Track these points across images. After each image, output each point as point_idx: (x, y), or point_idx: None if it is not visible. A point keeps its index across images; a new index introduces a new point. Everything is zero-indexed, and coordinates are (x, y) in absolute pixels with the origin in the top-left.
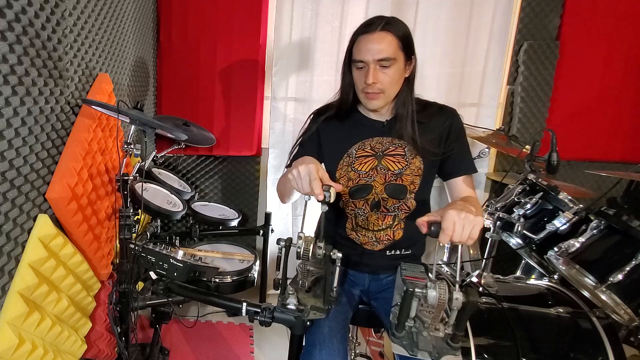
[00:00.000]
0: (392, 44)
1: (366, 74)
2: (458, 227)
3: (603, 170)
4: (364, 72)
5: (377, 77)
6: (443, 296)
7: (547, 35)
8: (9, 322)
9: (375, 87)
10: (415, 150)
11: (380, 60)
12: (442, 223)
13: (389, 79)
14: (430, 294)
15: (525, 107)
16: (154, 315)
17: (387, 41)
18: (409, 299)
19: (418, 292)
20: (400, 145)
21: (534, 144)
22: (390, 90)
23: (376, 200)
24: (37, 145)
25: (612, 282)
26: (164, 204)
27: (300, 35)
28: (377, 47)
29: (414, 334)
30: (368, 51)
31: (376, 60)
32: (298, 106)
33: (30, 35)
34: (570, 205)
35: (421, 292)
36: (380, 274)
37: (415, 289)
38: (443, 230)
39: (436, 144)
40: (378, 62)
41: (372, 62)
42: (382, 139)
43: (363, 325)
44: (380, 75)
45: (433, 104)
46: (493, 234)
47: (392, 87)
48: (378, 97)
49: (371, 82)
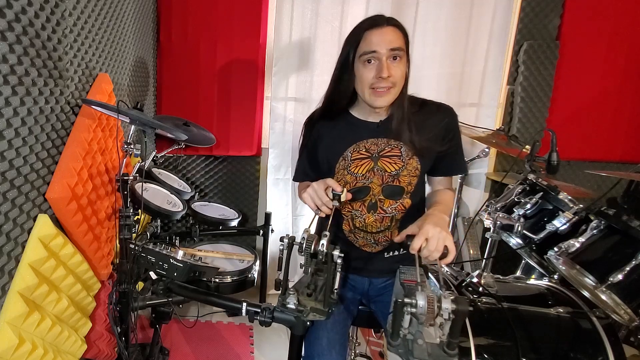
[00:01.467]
0: (399, 37)
1: (379, 67)
2: (431, 241)
3: (603, 170)
4: (374, 66)
5: (391, 70)
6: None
7: (547, 35)
8: (9, 322)
9: (388, 81)
10: (413, 151)
11: (393, 50)
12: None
13: (400, 72)
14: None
15: (525, 107)
16: (154, 315)
17: (395, 34)
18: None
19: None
20: (397, 145)
21: (534, 144)
22: (399, 84)
23: (373, 202)
24: (37, 145)
25: (612, 282)
26: (164, 204)
27: (300, 35)
28: (389, 38)
29: (410, 342)
30: (381, 42)
31: (389, 50)
32: (298, 106)
33: (30, 35)
34: (570, 205)
35: (410, 302)
36: (379, 278)
37: (405, 300)
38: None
39: (433, 142)
40: (391, 52)
41: (386, 52)
42: (377, 140)
43: (363, 326)
44: (393, 68)
45: (430, 103)
46: (493, 234)
47: (400, 82)
48: (389, 93)
49: (387, 76)
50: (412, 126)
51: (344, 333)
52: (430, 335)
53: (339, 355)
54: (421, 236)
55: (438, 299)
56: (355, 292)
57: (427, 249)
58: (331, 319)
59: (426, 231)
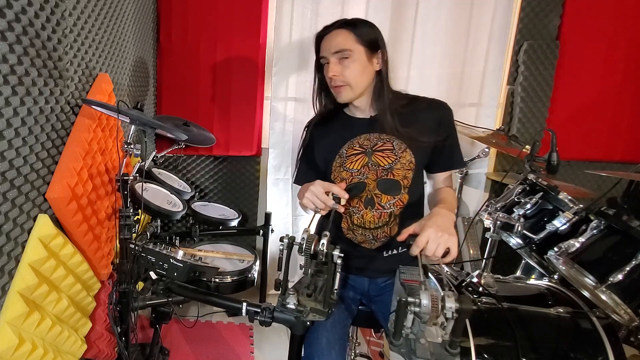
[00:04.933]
0: (347, 38)
1: (327, 68)
2: (432, 244)
3: (603, 170)
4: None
5: (336, 70)
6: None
7: (547, 35)
8: (9, 322)
9: (337, 80)
10: (404, 144)
11: (336, 53)
12: (418, 237)
13: (350, 71)
14: (423, 302)
15: (525, 107)
16: (154, 315)
17: (342, 36)
18: (403, 308)
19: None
20: (388, 140)
21: (534, 144)
22: (356, 82)
23: (369, 197)
24: (37, 145)
25: (612, 282)
26: (164, 204)
27: (300, 35)
28: (334, 42)
29: (412, 342)
30: (327, 46)
31: (332, 53)
32: (298, 106)
33: (30, 35)
34: (570, 205)
35: (414, 301)
36: (379, 278)
37: (408, 299)
38: (415, 243)
39: (424, 135)
40: (334, 54)
41: (331, 55)
42: (369, 135)
43: (363, 326)
44: (340, 68)
45: (421, 99)
46: (493, 234)
47: (357, 80)
48: (344, 90)
49: (331, 75)
50: (400, 119)
51: (343, 333)
52: (433, 334)
53: (339, 355)
54: (422, 239)
55: (442, 298)
56: (355, 292)
57: (424, 253)
58: (331, 319)
59: (427, 235)
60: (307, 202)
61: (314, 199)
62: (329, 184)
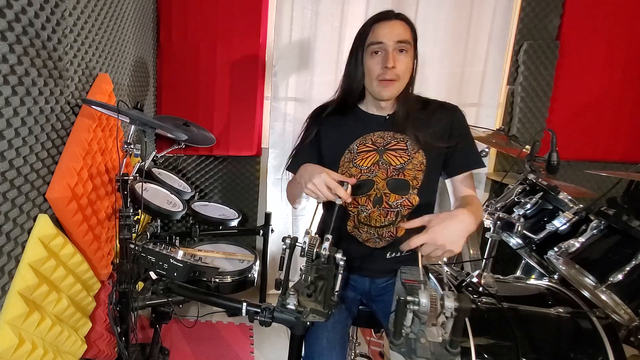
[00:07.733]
0: (408, 31)
1: (385, 58)
2: (426, 249)
3: (603, 170)
4: (381, 57)
5: (396, 61)
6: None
7: (547, 35)
8: (9, 322)
9: (393, 73)
10: (418, 145)
11: (399, 42)
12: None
13: (404, 65)
14: (422, 301)
15: (525, 107)
16: (154, 315)
17: (403, 28)
18: (402, 307)
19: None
20: (402, 139)
21: (534, 144)
22: (404, 78)
23: (378, 196)
24: (37, 145)
25: (612, 282)
26: (164, 204)
27: (300, 35)
28: (396, 31)
29: (412, 341)
30: (388, 34)
31: (395, 42)
32: (298, 106)
33: (30, 35)
34: (570, 205)
35: (413, 300)
36: (380, 278)
37: (407, 298)
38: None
39: (438, 138)
40: (397, 44)
41: (392, 44)
42: (383, 133)
43: (363, 326)
44: (398, 60)
45: (434, 102)
46: (493, 234)
47: (405, 75)
48: (393, 84)
49: (391, 66)
50: (416, 121)
51: (344, 333)
52: (433, 334)
53: (339, 355)
54: (416, 240)
55: (440, 297)
56: (356, 292)
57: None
58: (331, 319)
59: (424, 239)
60: (310, 193)
61: (322, 189)
62: (335, 184)
